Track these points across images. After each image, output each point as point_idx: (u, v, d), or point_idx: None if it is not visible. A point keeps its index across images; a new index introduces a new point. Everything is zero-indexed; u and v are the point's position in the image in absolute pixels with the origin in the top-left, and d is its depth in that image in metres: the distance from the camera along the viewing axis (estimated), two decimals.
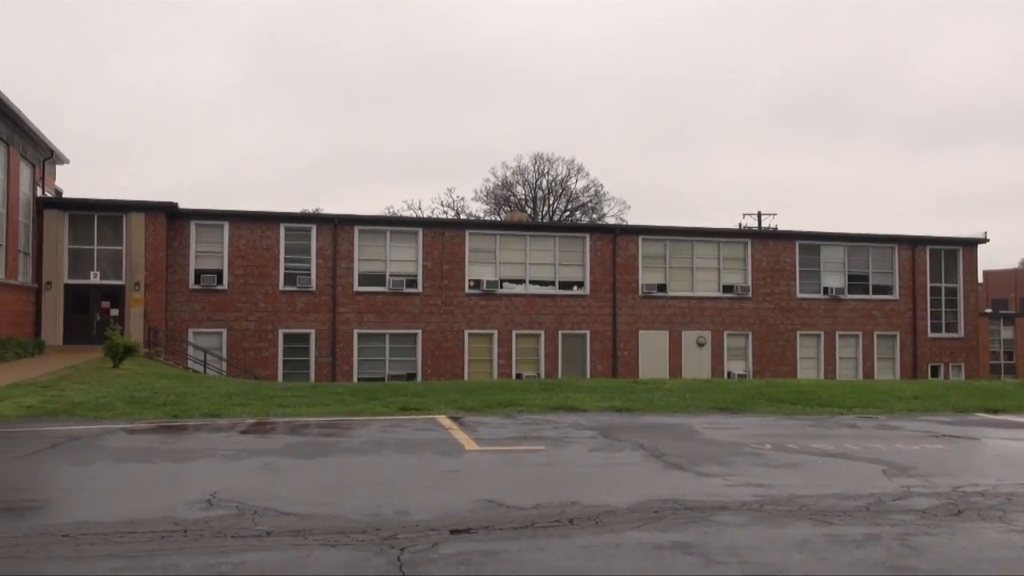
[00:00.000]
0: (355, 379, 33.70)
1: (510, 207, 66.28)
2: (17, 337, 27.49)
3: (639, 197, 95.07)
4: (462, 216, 64.92)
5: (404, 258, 35.98)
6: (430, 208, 67.77)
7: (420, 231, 36.53)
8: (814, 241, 40.41)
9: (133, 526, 6.29)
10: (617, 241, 38.09)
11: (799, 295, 39.76)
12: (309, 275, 34.96)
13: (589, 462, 9.68)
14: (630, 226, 42.65)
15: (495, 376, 35.28)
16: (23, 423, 12.21)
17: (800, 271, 39.89)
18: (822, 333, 39.91)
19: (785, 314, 39.56)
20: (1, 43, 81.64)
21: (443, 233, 36.59)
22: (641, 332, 37.92)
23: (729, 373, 37.73)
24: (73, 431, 11.38)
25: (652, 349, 37.83)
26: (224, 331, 34.18)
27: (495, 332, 36.43)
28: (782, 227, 53.34)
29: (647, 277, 38.19)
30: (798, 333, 39.64)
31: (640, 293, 37.97)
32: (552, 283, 37.40)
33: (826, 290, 39.97)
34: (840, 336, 40.11)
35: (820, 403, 16.24)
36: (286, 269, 34.86)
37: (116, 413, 13.30)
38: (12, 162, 29.30)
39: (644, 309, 38.06)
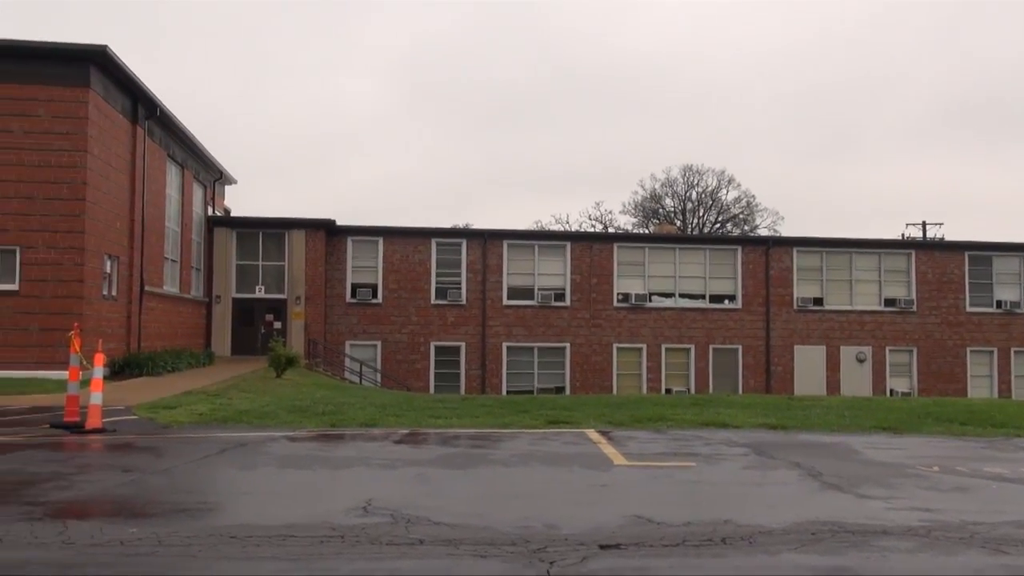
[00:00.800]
0: (504, 392, 34.05)
1: (659, 219, 65.60)
2: (190, 348, 29.25)
3: (793, 207, 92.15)
4: (610, 229, 64.72)
5: (552, 272, 36.14)
6: (578, 222, 67.93)
7: (568, 245, 36.62)
8: (985, 252, 38.05)
9: (294, 530, 6.53)
10: (770, 253, 37.03)
11: (969, 309, 37.51)
12: (459, 289, 35.63)
13: (742, 480, 9.40)
14: (784, 237, 41.40)
15: (644, 390, 34.90)
16: (195, 429, 12.94)
17: (970, 283, 37.63)
18: (995, 349, 37.47)
19: (953, 329, 37.37)
20: (175, 69, 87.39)
21: (591, 246, 36.55)
22: (796, 347, 36.67)
23: (892, 391, 35.96)
24: (240, 437, 11.97)
25: (808, 365, 36.50)
26: (379, 343, 35.26)
27: (644, 346, 36.06)
28: (949, 237, 50.48)
29: (802, 290, 36.93)
30: (968, 349, 37.36)
31: (795, 307, 36.75)
32: (702, 296, 36.71)
33: (999, 303, 37.53)
34: (1015, 353, 37.54)
35: (994, 424, 15.20)
36: (437, 283, 35.66)
37: (279, 421, 13.90)
38: (187, 184, 31.28)
39: (799, 323, 36.80)
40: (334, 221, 34.95)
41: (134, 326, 24.89)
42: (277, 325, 34.34)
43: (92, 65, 21.46)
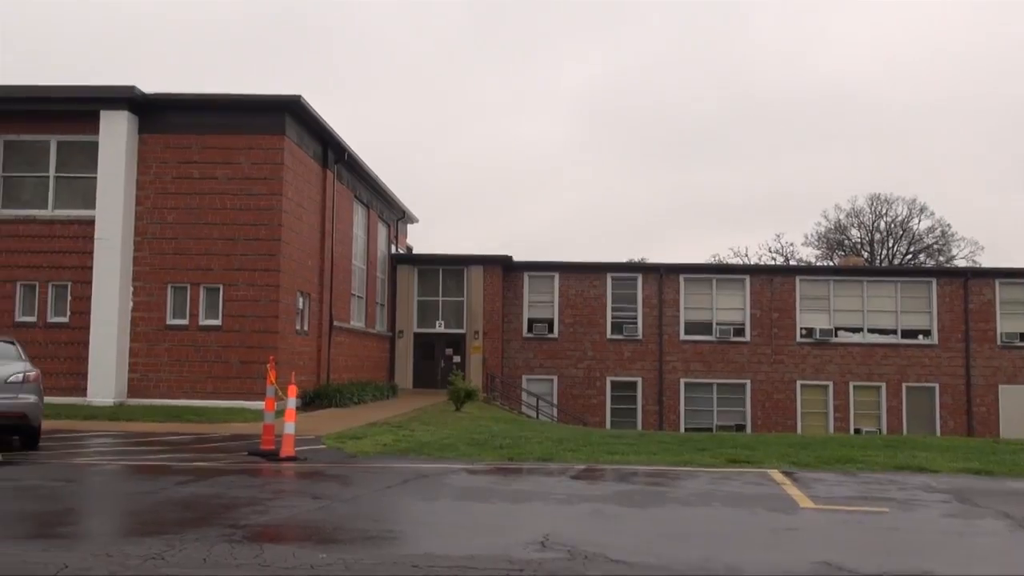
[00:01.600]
0: (682, 429, 33.40)
1: (844, 251, 62.85)
2: (374, 380, 30.39)
3: (995, 237, 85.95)
4: (792, 262, 62.53)
5: (731, 306, 35.28)
6: (757, 255, 66.10)
7: (747, 278, 35.69)
8: None
9: (473, 561, 6.60)
10: (969, 286, 34.70)
11: None
12: (635, 323, 35.36)
13: (941, 529, 8.76)
14: (985, 268, 38.77)
15: (830, 430, 33.32)
16: (380, 459, 13.39)
17: None
18: None
19: None
20: (359, 114, 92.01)
21: (772, 280, 35.45)
22: (1001, 387, 34.04)
23: None
24: (421, 469, 12.28)
25: (1016, 406, 33.77)
26: (555, 378, 35.43)
27: (830, 383, 34.49)
28: None
29: (1007, 325, 34.34)
30: None
31: (998, 343, 34.20)
32: (894, 331, 34.80)
33: None
34: None
35: None
36: (613, 318, 35.54)
37: (458, 454, 14.17)
38: (372, 223, 32.73)
39: (1004, 361, 34.18)
40: (511, 257, 35.57)
41: (323, 359, 26.15)
42: (456, 359, 35.18)
43: (287, 114, 22.92)
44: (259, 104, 22.70)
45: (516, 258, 35.74)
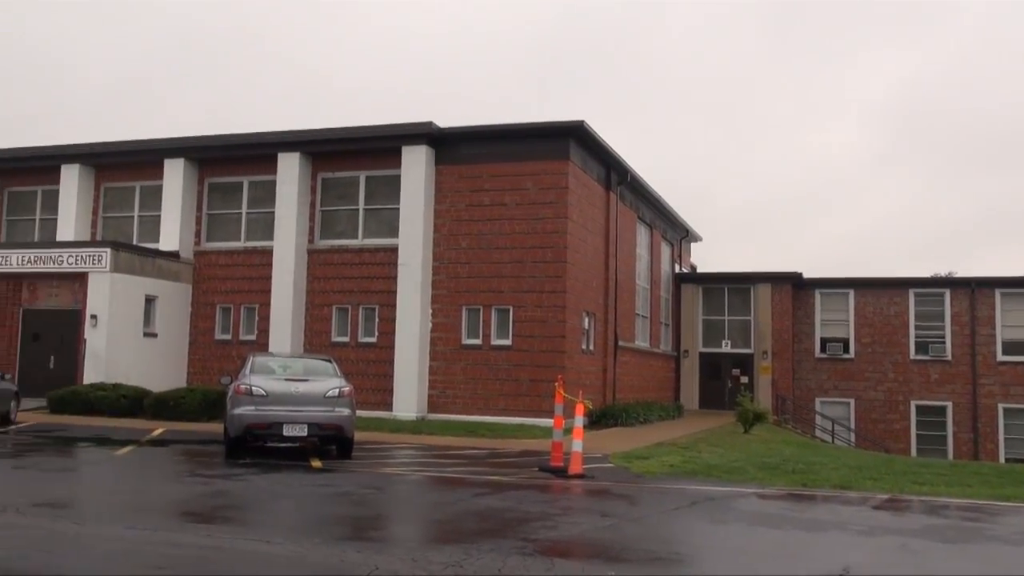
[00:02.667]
0: (1001, 459, 30.21)
1: None
2: (660, 401, 30.26)
3: None
4: None
5: None
6: None
7: None
8: None
9: None
10: None
11: None
12: (943, 343, 32.58)
13: None
14: None
15: None
16: (666, 480, 13.27)
17: None
18: None
19: None
20: (638, 135, 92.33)
21: None
22: None
23: None
24: (708, 491, 12.01)
25: None
26: (851, 401, 33.44)
27: None
28: None
29: None
30: None
31: None
32: None
33: None
34: None
35: None
36: (916, 337, 32.99)
37: (747, 477, 13.73)
38: (655, 243, 32.74)
39: None
40: (801, 274, 34.11)
41: (609, 379, 26.42)
42: (743, 380, 34.22)
43: (571, 139, 23.52)
44: (544, 131, 23.49)
45: (807, 275, 34.21)
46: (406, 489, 11.94)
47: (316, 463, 13.78)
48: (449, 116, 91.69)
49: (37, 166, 28.21)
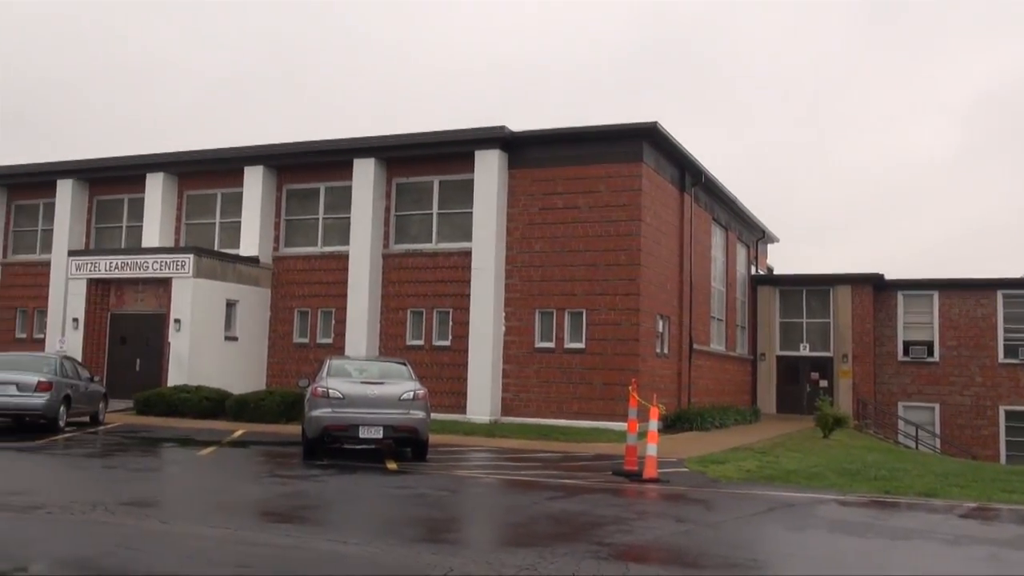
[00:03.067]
0: None
1: None
2: (735, 404, 29.81)
3: None
4: None
5: None
6: None
7: None
8: None
9: None
10: None
11: None
12: None
13: None
14: None
15: None
16: (743, 485, 13.06)
17: None
18: None
19: None
20: (712, 134, 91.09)
21: None
22: None
23: None
24: (787, 497, 11.78)
25: None
26: (936, 406, 32.49)
27: None
28: None
29: None
30: None
31: None
32: None
33: None
34: None
35: None
36: (1006, 340, 31.89)
37: (827, 483, 13.43)
38: (730, 244, 32.28)
39: None
40: (882, 276, 33.26)
41: (683, 382, 26.13)
42: (823, 383, 33.50)
43: (644, 141, 23.35)
44: (616, 133, 23.36)
45: (888, 276, 33.33)
46: (480, 492, 11.99)
47: (391, 465, 13.93)
48: (520, 119, 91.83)
49: (124, 175, 29.19)
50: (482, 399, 23.22)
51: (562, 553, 7.43)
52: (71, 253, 26.65)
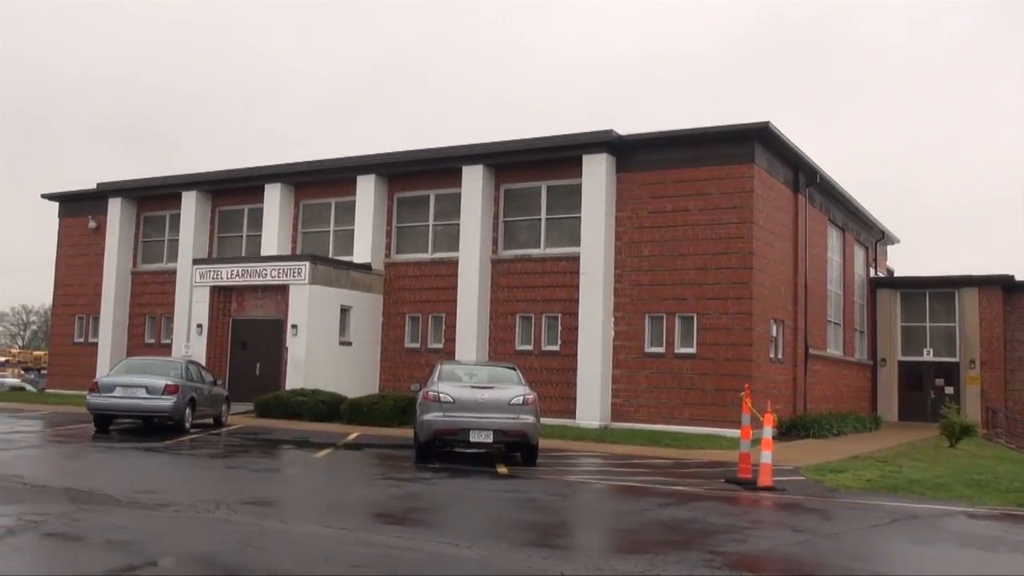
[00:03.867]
0: None
1: None
2: (854, 411, 28.81)
3: None
4: None
5: None
6: None
7: None
8: None
9: None
10: None
11: None
12: None
13: None
14: None
15: None
16: (863, 495, 12.59)
17: None
18: None
19: None
20: (829, 134, 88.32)
21: None
22: None
23: None
24: (911, 508, 11.30)
25: None
26: None
27: None
28: None
29: None
30: None
31: None
32: None
33: None
34: None
35: None
36: None
37: (954, 495, 12.83)
38: (847, 246, 31.26)
39: None
40: (1012, 276, 31.63)
41: (799, 388, 25.41)
42: (948, 390, 32.07)
43: (755, 141, 22.83)
44: (726, 134, 22.92)
45: (1020, 277, 31.68)
46: (590, 497, 11.92)
47: (502, 469, 14.00)
48: (629, 123, 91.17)
49: (243, 186, 30.31)
50: (591, 404, 23.11)
51: (674, 561, 7.31)
52: (195, 262, 27.83)
